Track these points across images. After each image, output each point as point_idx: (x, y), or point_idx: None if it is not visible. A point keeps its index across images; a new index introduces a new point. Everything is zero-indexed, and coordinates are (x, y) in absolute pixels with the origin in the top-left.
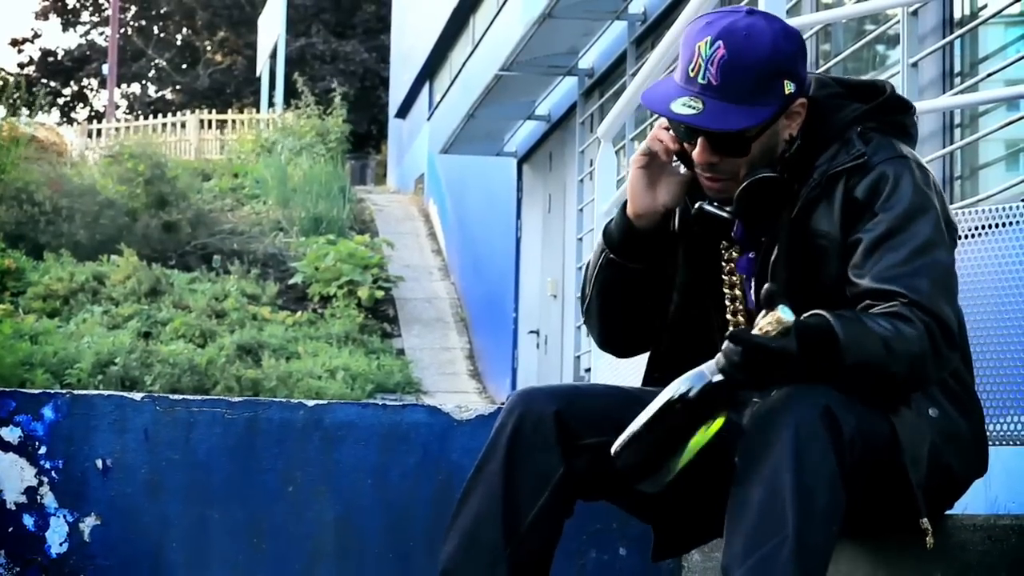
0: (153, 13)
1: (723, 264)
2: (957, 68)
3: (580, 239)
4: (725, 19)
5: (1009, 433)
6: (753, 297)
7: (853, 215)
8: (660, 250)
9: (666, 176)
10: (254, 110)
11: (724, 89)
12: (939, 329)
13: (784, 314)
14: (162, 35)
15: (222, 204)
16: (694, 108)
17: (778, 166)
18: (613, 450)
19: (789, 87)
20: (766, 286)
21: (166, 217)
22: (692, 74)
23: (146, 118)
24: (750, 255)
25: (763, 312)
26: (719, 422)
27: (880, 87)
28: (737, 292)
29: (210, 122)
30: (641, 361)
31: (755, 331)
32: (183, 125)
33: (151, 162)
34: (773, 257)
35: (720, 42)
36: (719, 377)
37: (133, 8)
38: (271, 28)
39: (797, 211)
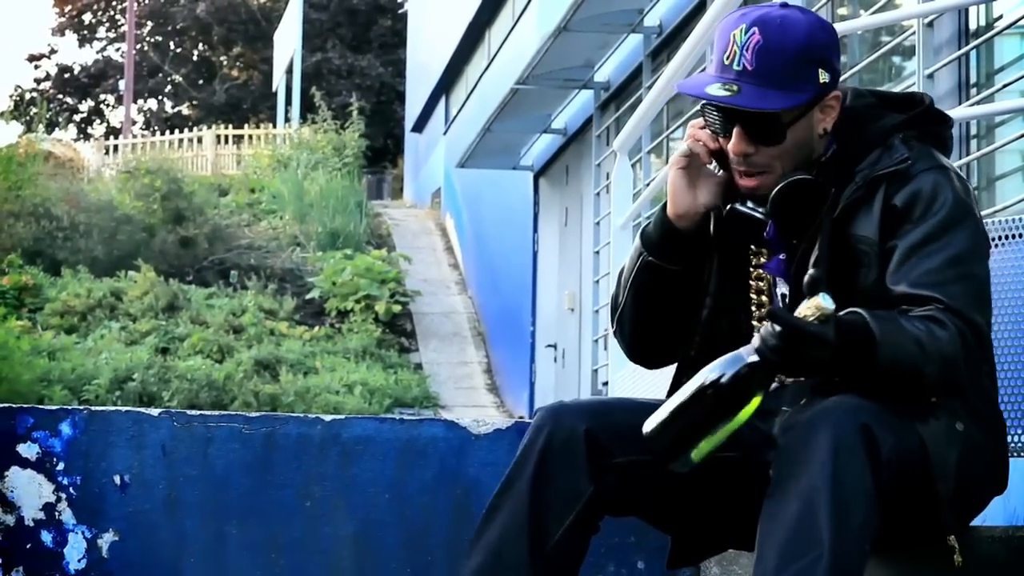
0: (169, 29)
1: (751, 269)
2: (973, 79)
3: (597, 252)
4: (759, 10)
5: None
6: (780, 300)
7: (892, 223)
8: (697, 252)
9: (705, 176)
10: (270, 125)
11: (759, 73)
12: (972, 335)
13: (824, 301)
14: (178, 51)
15: (239, 219)
16: (730, 91)
17: (814, 170)
18: (644, 431)
19: (824, 76)
20: (810, 272)
21: (183, 232)
22: (727, 62)
23: (163, 134)
24: (780, 256)
25: (806, 300)
26: (754, 404)
27: (918, 98)
28: (763, 299)
29: (226, 137)
30: (659, 374)
31: (796, 315)
32: (199, 140)
33: (168, 178)
34: (813, 258)
35: (755, 28)
36: (755, 358)
37: (149, 24)
38: (287, 43)
39: (838, 213)
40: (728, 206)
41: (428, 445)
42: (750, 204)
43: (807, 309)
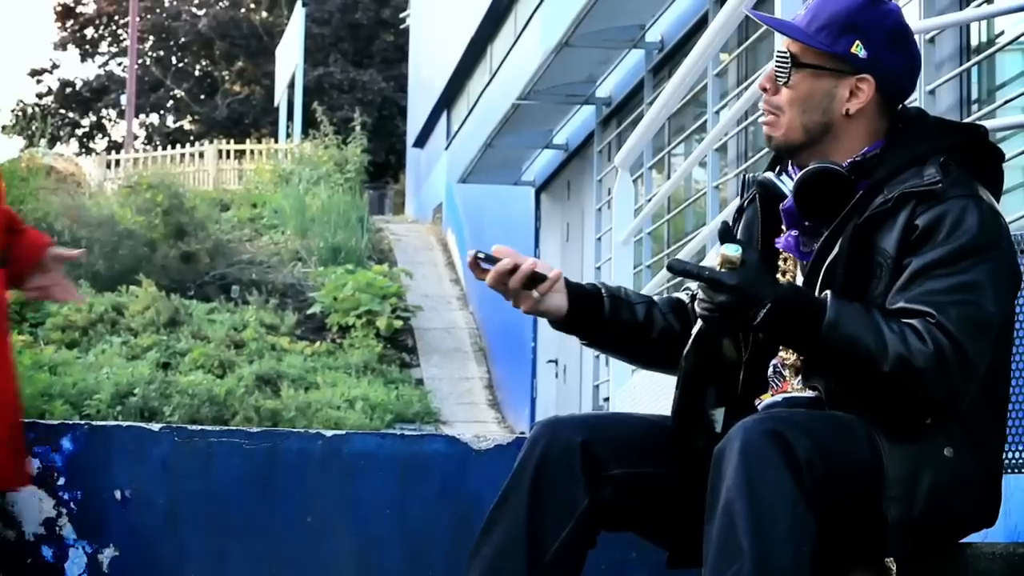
0: (171, 43)
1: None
2: (974, 95)
3: (598, 268)
4: None
5: None
6: (800, 277)
7: (911, 242)
8: (589, 320)
9: (519, 299)
10: (272, 140)
11: (807, 16)
12: (955, 355)
13: (728, 250)
14: (180, 65)
15: (240, 234)
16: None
17: (847, 165)
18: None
19: (859, 49)
20: (723, 221)
21: (185, 247)
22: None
23: (164, 148)
24: (793, 233)
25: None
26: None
27: (975, 127)
28: (787, 278)
29: (228, 152)
30: (660, 390)
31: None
32: (201, 155)
33: (169, 192)
34: (833, 255)
35: None
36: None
37: (151, 39)
38: (289, 58)
39: (863, 221)
40: (763, 174)
41: (429, 461)
42: (780, 179)
43: (716, 258)
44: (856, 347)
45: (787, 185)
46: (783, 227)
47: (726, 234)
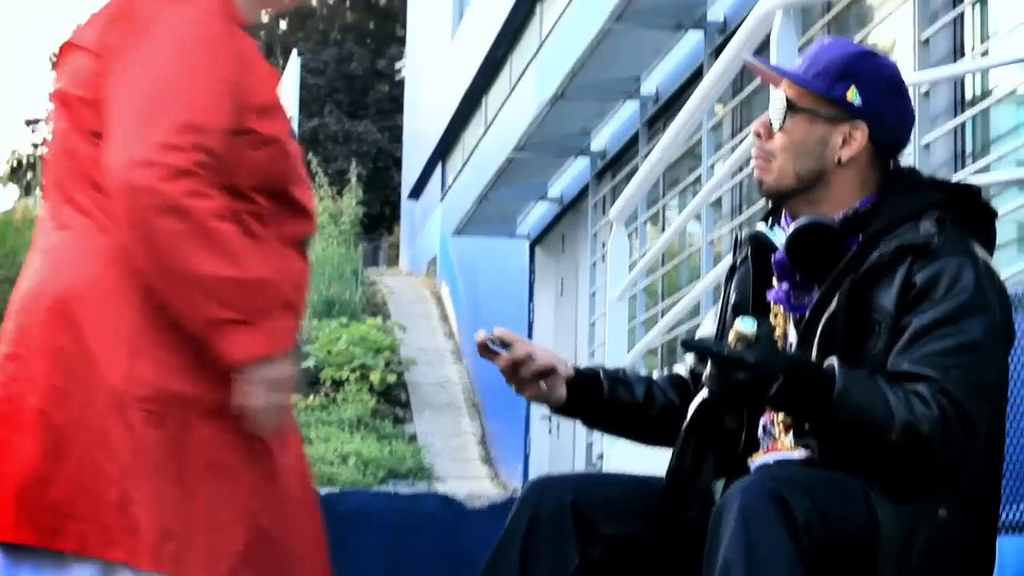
0: None
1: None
2: (969, 149)
3: (592, 323)
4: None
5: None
6: (792, 332)
7: (909, 300)
8: (589, 404)
9: (525, 386)
10: None
11: (802, 64)
12: (959, 419)
13: (742, 326)
14: None
15: None
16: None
17: (839, 220)
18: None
19: (854, 96)
20: (733, 299)
21: None
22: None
23: None
24: (784, 287)
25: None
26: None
27: (967, 186)
28: (778, 332)
29: None
30: (654, 448)
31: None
32: None
33: None
34: (830, 311)
35: (830, 40)
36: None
37: None
38: (285, 108)
39: (861, 275)
40: (756, 227)
41: (423, 520)
42: (772, 231)
43: (730, 338)
44: (865, 416)
45: (779, 237)
46: (774, 279)
47: (739, 308)
